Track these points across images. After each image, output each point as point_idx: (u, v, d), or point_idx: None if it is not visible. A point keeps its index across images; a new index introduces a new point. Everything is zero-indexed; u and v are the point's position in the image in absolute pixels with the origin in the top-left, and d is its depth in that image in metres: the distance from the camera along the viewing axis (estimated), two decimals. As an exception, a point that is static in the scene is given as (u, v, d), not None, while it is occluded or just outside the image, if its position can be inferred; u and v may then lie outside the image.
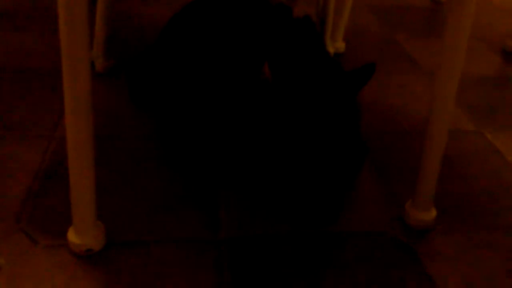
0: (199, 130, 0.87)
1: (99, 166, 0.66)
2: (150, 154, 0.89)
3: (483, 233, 0.79)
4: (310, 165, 0.73)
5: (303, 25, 0.95)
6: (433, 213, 0.79)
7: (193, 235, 0.73)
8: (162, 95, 0.95)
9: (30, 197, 0.76)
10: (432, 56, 1.38)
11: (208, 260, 0.69)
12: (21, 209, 0.74)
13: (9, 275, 0.63)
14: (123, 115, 0.99)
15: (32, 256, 0.66)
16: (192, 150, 0.89)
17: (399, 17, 1.67)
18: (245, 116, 0.78)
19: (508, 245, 0.77)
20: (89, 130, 0.62)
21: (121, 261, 0.67)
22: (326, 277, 0.68)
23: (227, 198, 0.80)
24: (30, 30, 1.31)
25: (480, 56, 1.43)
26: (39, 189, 0.78)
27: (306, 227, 0.76)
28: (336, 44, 1.31)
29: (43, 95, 1.03)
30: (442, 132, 0.73)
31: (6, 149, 0.86)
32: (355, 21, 1.53)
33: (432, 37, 1.53)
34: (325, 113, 0.73)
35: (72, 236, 0.67)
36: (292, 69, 0.76)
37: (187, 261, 0.68)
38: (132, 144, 0.91)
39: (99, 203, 0.68)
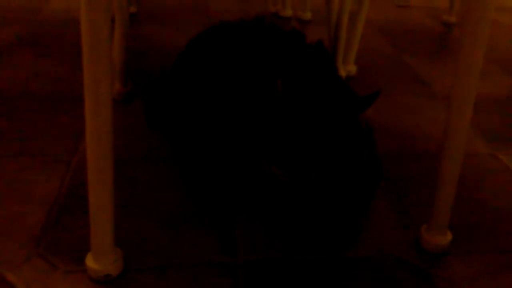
0: (214, 151, 0.88)
1: (116, 189, 0.67)
2: (166, 177, 0.90)
3: (500, 256, 0.79)
4: (322, 189, 0.74)
5: (316, 50, 0.97)
6: (449, 236, 0.79)
7: (209, 259, 0.73)
8: (179, 118, 0.97)
9: (49, 222, 0.77)
10: (443, 78, 1.39)
11: (225, 283, 0.69)
12: (40, 234, 0.75)
13: (29, 300, 0.64)
14: (140, 140, 1.01)
15: (52, 281, 0.67)
16: (208, 172, 0.90)
17: (410, 40, 1.68)
18: (258, 134, 0.78)
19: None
20: (109, 156, 0.63)
21: (139, 287, 0.68)
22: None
23: (243, 222, 0.81)
24: (47, 57, 1.34)
25: (491, 77, 1.43)
26: (58, 214, 0.79)
27: (322, 252, 0.77)
28: (347, 67, 1.32)
29: (59, 120, 1.05)
30: (457, 157, 0.73)
31: (25, 174, 0.88)
32: (367, 44, 1.54)
33: (443, 60, 1.54)
34: (327, 132, 0.73)
35: (90, 262, 0.68)
36: (301, 87, 0.77)
37: (204, 285, 0.69)
38: (148, 168, 0.92)
39: (116, 227, 0.68)
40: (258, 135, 0.76)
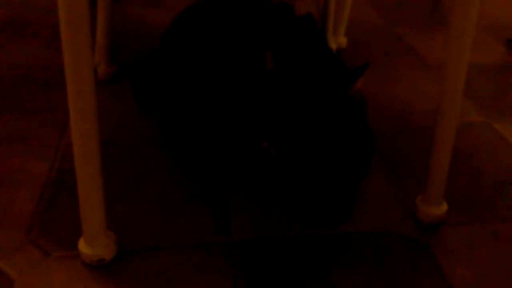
0: (205, 129, 0.87)
1: (106, 173, 0.65)
2: (157, 158, 0.89)
3: (494, 224, 0.79)
4: (314, 164, 0.73)
5: (304, 22, 0.95)
6: (444, 207, 0.78)
7: (205, 239, 0.72)
8: (167, 96, 0.95)
9: (40, 208, 0.76)
10: (435, 48, 1.37)
11: (221, 264, 0.68)
12: (31, 221, 0.74)
13: (23, 287, 0.63)
14: (129, 120, 0.99)
15: (45, 268, 0.66)
16: (200, 151, 0.89)
17: (400, 11, 1.66)
18: (249, 109, 0.77)
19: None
20: (95, 138, 0.61)
21: (134, 269, 0.67)
22: (339, 277, 0.67)
23: (238, 200, 0.80)
24: (32, 40, 1.31)
25: (485, 46, 1.42)
26: (49, 199, 0.78)
27: (317, 227, 0.76)
28: (338, 40, 1.30)
29: (47, 104, 1.03)
30: (451, 126, 0.73)
31: (13, 160, 0.86)
32: (357, 17, 1.52)
33: (434, 30, 1.52)
34: (317, 106, 0.71)
35: (83, 247, 0.67)
36: (291, 61, 0.75)
37: (200, 265, 0.68)
38: (139, 149, 0.91)
39: (108, 211, 0.67)
40: (248, 110, 0.75)
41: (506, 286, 0.68)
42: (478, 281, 0.68)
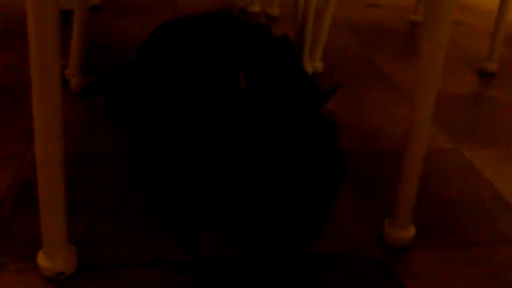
0: (174, 145, 0.86)
1: (71, 186, 0.64)
2: (124, 173, 0.87)
3: (462, 250, 0.79)
4: (284, 183, 0.72)
5: (281, 44, 0.95)
6: (412, 231, 0.78)
7: (168, 257, 0.71)
8: (138, 110, 0.94)
9: (0, 219, 0.74)
10: (410, 76, 1.40)
11: (184, 282, 0.67)
12: (-10, 232, 0.71)
13: (-24, 301, 0.61)
14: (97, 133, 0.98)
15: (1, 281, 0.64)
16: (168, 166, 0.88)
17: (377, 38, 1.69)
18: (220, 127, 0.76)
19: (487, 262, 0.77)
20: (59, 150, 0.60)
21: (94, 285, 0.65)
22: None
23: (205, 219, 0.79)
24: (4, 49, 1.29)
25: (458, 76, 1.45)
26: (9, 211, 0.76)
27: (285, 247, 0.75)
28: (314, 64, 1.31)
29: (14, 114, 1.01)
30: (419, 152, 0.73)
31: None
32: (335, 42, 1.54)
33: (410, 58, 1.55)
34: (288, 126, 0.71)
35: (42, 260, 0.65)
36: (264, 81, 0.76)
37: (162, 283, 0.66)
38: (107, 163, 0.89)
39: (70, 224, 0.66)
40: (220, 129, 0.74)
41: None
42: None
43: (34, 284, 0.64)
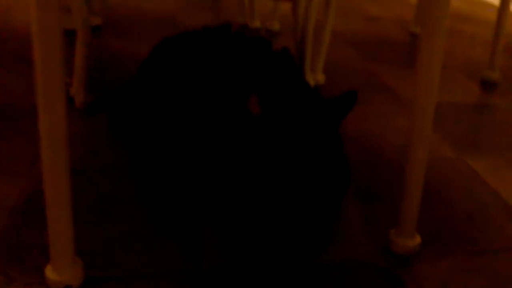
0: (179, 165, 0.86)
1: (76, 200, 0.64)
2: (128, 188, 0.88)
3: (468, 258, 0.79)
4: (294, 199, 0.72)
5: (282, 58, 0.96)
6: (418, 239, 0.78)
7: (174, 268, 0.71)
8: (142, 129, 0.95)
9: (7, 234, 0.74)
10: (411, 87, 1.40)
11: (190, 294, 0.67)
12: (-3, 247, 0.72)
13: (-16, 315, 0.61)
14: (102, 149, 0.98)
15: (8, 295, 0.64)
16: (172, 185, 0.88)
17: (378, 51, 1.70)
18: (228, 149, 0.77)
19: (493, 269, 0.77)
20: (65, 164, 0.61)
21: (101, 298, 0.65)
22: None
23: (209, 232, 0.79)
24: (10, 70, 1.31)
25: (460, 86, 1.46)
26: (16, 226, 0.76)
27: (292, 258, 0.75)
28: (316, 76, 1.33)
29: (20, 133, 1.02)
30: (421, 162, 0.74)
31: (-17, 187, 0.85)
32: (336, 55, 1.56)
33: (412, 69, 1.56)
34: (310, 146, 0.72)
35: (50, 273, 0.65)
36: (277, 101, 0.76)
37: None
38: (111, 178, 0.90)
39: (77, 237, 0.66)
40: (232, 152, 0.75)
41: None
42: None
43: (41, 298, 0.64)
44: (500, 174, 1.02)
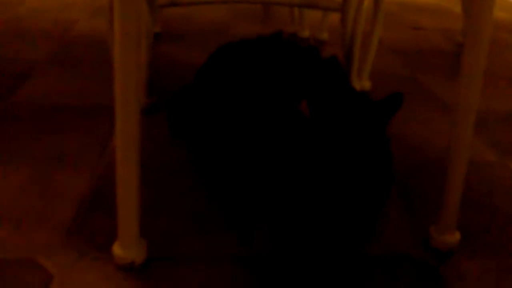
0: (235, 163, 0.93)
1: (143, 191, 0.72)
2: (187, 183, 0.95)
3: (507, 258, 0.82)
4: (343, 196, 0.77)
5: (330, 65, 1.01)
6: (457, 236, 0.82)
7: (228, 253, 0.78)
8: (199, 129, 1.02)
9: (79, 216, 0.83)
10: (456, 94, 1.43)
11: (241, 275, 0.73)
12: (71, 226, 0.80)
13: (59, 283, 0.69)
14: (162, 149, 1.06)
15: (81, 267, 0.72)
16: (227, 180, 0.95)
17: (424, 60, 1.73)
18: (281, 149, 0.83)
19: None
20: (136, 154, 0.69)
21: (160, 275, 0.72)
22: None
23: (262, 223, 0.85)
24: (75, 73, 1.42)
25: (504, 93, 1.47)
26: (87, 209, 0.85)
27: (336, 251, 0.80)
28: (362, 83, 1.37)
29: (87, 131, 1.11)
30: (462, 159, 0.78)
31: (57, 175, 0.94)
32: (381, 64, 1.59)
33: (457, 78, 1.58)
34: (360, 147, 0.77)
35: (117, 250, 0.73)
36: (328, 106, 0.82)
37: (222, 276, 0.73)
38: (171, 171, 0.98)
39: (142, 222, 0.74)
40: (285, 151, 0.80)
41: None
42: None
43: (109, 271, 0.72)
44: (543, 180, 1.04)
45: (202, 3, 1.45)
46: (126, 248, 0.73)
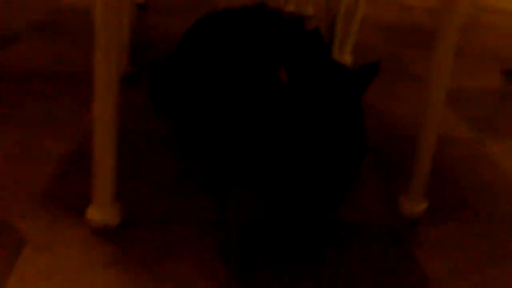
0: (213, 128, 0.94)
1: (120, 158, 0.73)
2: (165, 151, 0.96)
3: (470, 225, 0.85)
4: (316, 158, 0.80)
5: (312, 36, 1.02)
6: (424, 205, 0.85)
7: (203, 217, 0.79)
8: (180, 95, 1.03)
9: (55, 179, 0.84)
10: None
11: (215, 240, 0.75)
12: (46, 189, 0.82)
13: (34, 246, 0.71)
14: (141, 117, 1.07)
15: (55, 230, 0.74)
16: (206, 146, 0.97)
17: (409, 38, 1.74)
18: (258, 113, 0.85)
19: (491, 236, 0.82)
20: (113, 118, 0.70)
21: (134, 237, 0.74)
22: (325, 256, 0.74)
23: (236, 187, 0.87)
24: (60, 41, 1.41)
25: (485, 74, 1.49)
26: (63, 172, 0.86)
27: (309, 213, 0.83)
28: (344, 57, 1.38)
29: (73, 97, 1.12)
30: (432, 132, 0.80)
31: (34, 139, 0.95)
32: (366, 39, 1.60)
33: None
34: (333, 112, 0.79)
35: (91, 213, 0.74)
36: (305, 72, 0.83)
37: (196, 240, 0.75)
38: (150, 138, 0.99)
39: (118, 187, 0.75)
40: (263, 120, 0.82)
41: (477, 280, 0.74)
42: (451, 274, 0.74)
43: (83, 233, 0.74)
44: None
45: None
46: (101, 211, 0.74)
